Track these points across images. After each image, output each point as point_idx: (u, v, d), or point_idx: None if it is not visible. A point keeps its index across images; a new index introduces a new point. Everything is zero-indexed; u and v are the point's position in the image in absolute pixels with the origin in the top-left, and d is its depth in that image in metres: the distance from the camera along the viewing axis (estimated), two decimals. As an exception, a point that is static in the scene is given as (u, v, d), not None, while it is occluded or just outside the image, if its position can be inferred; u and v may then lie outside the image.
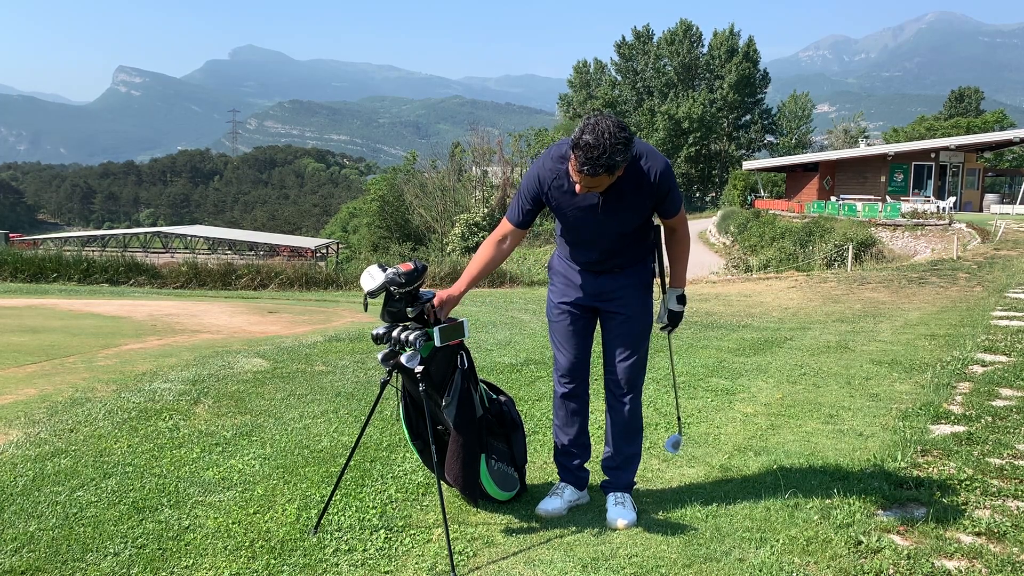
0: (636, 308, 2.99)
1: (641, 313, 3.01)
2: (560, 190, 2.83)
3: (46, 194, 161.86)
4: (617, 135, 2.55)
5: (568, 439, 3.13)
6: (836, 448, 3.89)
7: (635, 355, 3.02)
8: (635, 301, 2.99)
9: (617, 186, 2.75)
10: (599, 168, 2.58)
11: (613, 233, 2.88)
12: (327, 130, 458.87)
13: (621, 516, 2.93)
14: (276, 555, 2.65)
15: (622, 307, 2.99)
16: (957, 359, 5.93)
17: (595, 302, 3.02)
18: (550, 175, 2.84)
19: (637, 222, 2.88)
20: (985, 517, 2.94)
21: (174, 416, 4.19)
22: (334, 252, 47.79)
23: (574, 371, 3.09)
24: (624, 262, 2.97)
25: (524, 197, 2.89)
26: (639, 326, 3.01)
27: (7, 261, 13.76)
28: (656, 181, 2.78)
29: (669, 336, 3.19)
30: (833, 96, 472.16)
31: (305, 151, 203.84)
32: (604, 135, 2.54)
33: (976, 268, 13.95)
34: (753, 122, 66.46)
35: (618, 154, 2.57)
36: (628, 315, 2.99)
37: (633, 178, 2.76)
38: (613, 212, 2.81)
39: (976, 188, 38.16)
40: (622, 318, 3.00)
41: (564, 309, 3.05)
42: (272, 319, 8.53)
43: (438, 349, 2.79)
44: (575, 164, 2.62)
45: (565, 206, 2.85)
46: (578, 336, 3.05)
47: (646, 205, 2.84)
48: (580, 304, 3.03)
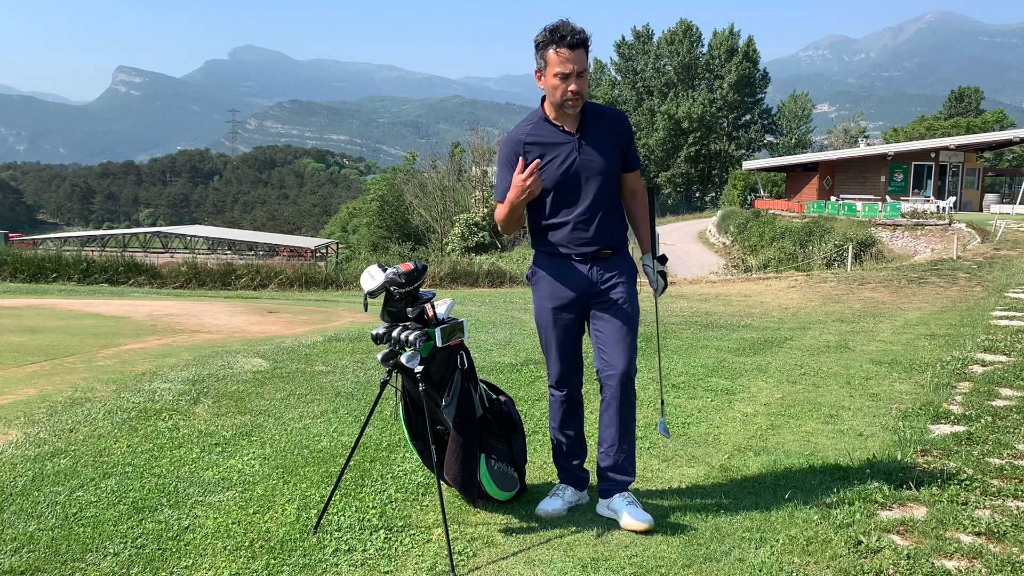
0: (625, 301, 2.99)
1: (630, 305, 3.00)
2: (536, 144, 2.94)
3: (46, 194, 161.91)
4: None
5: (567, 441, 3.13)
6: (836, 448, 3.89)
7: (626, 350, 2.98)
8: (625, 294, 3.00)
9: (586, 121, 2.94)
10: (578, 36, 2.80)
11: (597, 176, 2.93)
12: (327, 130, 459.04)
13: (639, 518, 2.87)
14: (276, 555, 2.65)
15: (612, 302, 2.97)
16: (957, 359, 5.93)
17: (587, 296, 2.99)
18: (524, 133, 2.97)
19: (613, 163, 2.97)
20: (985, 517, 2.94)
21: (174, 416, 4.19)
22: (334, 252, 47.80)
23: (570, 376, 3.07)
24: (613, 233, 2.98)
25: (504, 169, 2.97)
26: (629, 320, 3.00)
27: (7, 261, 13.76)
28: (621, 121, 3.04)
29: (656, 304, 3.25)
30: (833, 96, 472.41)
31: (305, 151, 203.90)
32: (562, 19, 2.86)
33: (976, 268, 13.96)
34: (753, 122, 66.46)
35: (582, 29, 2.85)
36: (618, 310, 2.97)
37: (596, 112, 3.00)
38: (589, 148, 2.93)
39: (976, 188, 38.19)
40: (611, 314, 2.96)
41: (555, 312, 3.00)
42: (272, 319, 8.53)
43: (438, 349, 2.79)
44: (557, 51, 2.80)
45: (548, 153, 2.92)
46: (571, 341, 3.04)
47: (615, 145, 2.98)
48: (573, 302, 2.99)
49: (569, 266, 2.98)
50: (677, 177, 64.35)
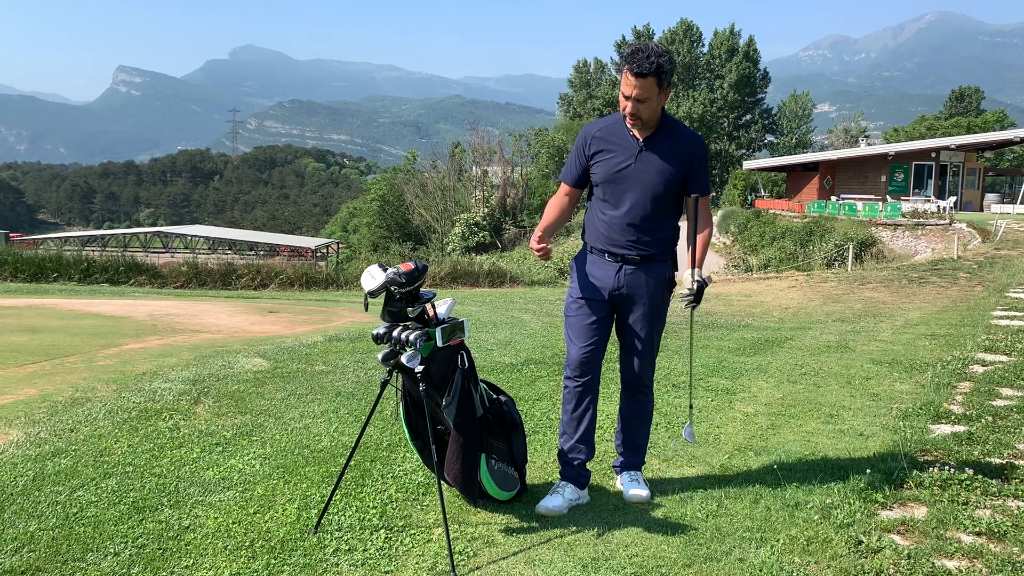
0: (651, 308, 3.08)
1: (656, 313, 3.10)
2: (603, 139, 3.06)
3: (46, 194, 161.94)
4: (660, 46, 2.90)
5: (574, 436, 3.15)
6: (836, 448, 3.89)
7: (648, 355, 3.15)
8: (650, 302, 3.08)
9: (658, 136, 3.01)
10: (647, 65, 2.83)
11: (647, 187, 2.99)
12: (327, 130, 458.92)
13: (638, 489, 3.13)
14: (276, 555, 2.65)
15: (637, 307, 3.09)
16: (957, 359, 5.93)
17: (613, 297, 3.08)
18: (595, 127, 3.12)
19: (669, 182, 3.00)
20: (985, 517, 2.94)
21: (174, 416, 4.19)
22: (334, 252, 47.81)
23: (584, 365, 3.12)
24: (648, 244, 3.04)
25: (574, 156, 3.16)
26: (653, 327, 3.11)
27: (7, 261, 13.75)
28: (694, 144, 3.05)
29: (692, 313, 3.20)
30: (833, 96, 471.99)
31: (305, 151, 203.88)
32: (649, 44, 2.90)
33: (976, 268, 13.95)
34: (753, 122, 66.41)
35: (663, 56, 2.86)
36: (642, 316, 3.09)
37: (673, 132, 3.04)
38: (650, 160, 3.00)
39: (976, 188, 38.17)
40: (635, 318, 3.09)
41: (581, 304, 3.11)
42: (272, 319, 8.53)
43: (438, 349, 2.79)
44: (626, 72, 2.87)
45: (607, 150, 3.04)
46: (592, 331, 3.10)
47: (679, 166, 3.01)
48: (597, 300, 3.09)
49: (600, 262, 3.10)
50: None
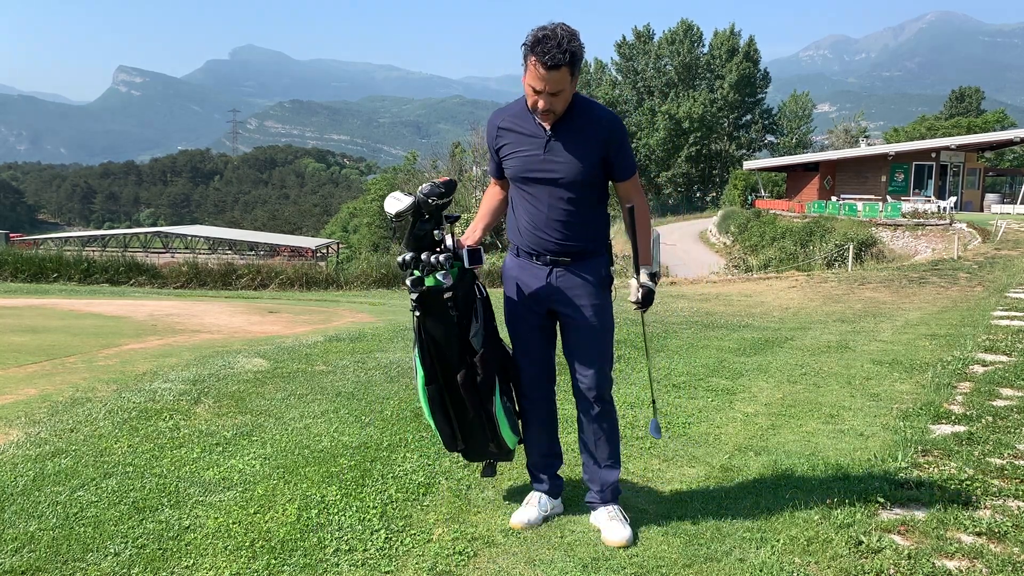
0: (592, 312, 2.81)
1: (598, 317, 2.82)
2: (509, 130, 2.80)
3: (46, 194, 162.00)
4: (568, 27, 2.56)
5: (539, 450, 3.02)
6: (836, 448, 3.88)
7: (597, 363, 2.85)
8: (590, 304, 2.81)
9: (568, 120, 2.70)
10: (559, 56, 2.51)
11: (565, 178, 2.70)
12: (327, 130, 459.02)
13: (618, 529, 2.77)
14: (277, 555, 2.65)
15: (576, 312, 2.81)
16: (958, 359, 5.93)
17: (548, 304, 2.85)
18: (499, 117, 2.85)
19: (587, 169, 2.70)
20: (986, 517, 2.94)
21: (174, 416, 4.19)
22: (334, 252, 47.79)
23: (535, 379, 2.94)
24: (577, 240, 2.77)
25: (489, 150, 2.93)
26: (598, 332, 2.84)
27: (7, 261, 13.77)
28: (609, 126, 2.71)
29: (643, 316, 2.93)
30: (833, 96, 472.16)
31: (305, 151, 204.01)
32: (557, 30, 2.54)
33: (977, 268, 13.95)
34: (754, 122, 66.42)
35: (574, 40, 2.54)
36: (584, 321, 2.82)
37: (586, 113, 2.71)
38: (562, 149, 2.70)
39: (977, 188, 38.18)
40: (577, 324, 2.83)
41: (519, 313, 2.90)
42: (272, 319, 8.53)
43: (465, 271, 2.74)
44: (534, 64, 2.55)
45: (515, 144, 2.78)
46: (536, 343, 2.91)
47: (596, 151, 2.71)
48: (533, 305, 2.86)
49: (528, 266, 2.85)
50: (678, 177, 64.34)
